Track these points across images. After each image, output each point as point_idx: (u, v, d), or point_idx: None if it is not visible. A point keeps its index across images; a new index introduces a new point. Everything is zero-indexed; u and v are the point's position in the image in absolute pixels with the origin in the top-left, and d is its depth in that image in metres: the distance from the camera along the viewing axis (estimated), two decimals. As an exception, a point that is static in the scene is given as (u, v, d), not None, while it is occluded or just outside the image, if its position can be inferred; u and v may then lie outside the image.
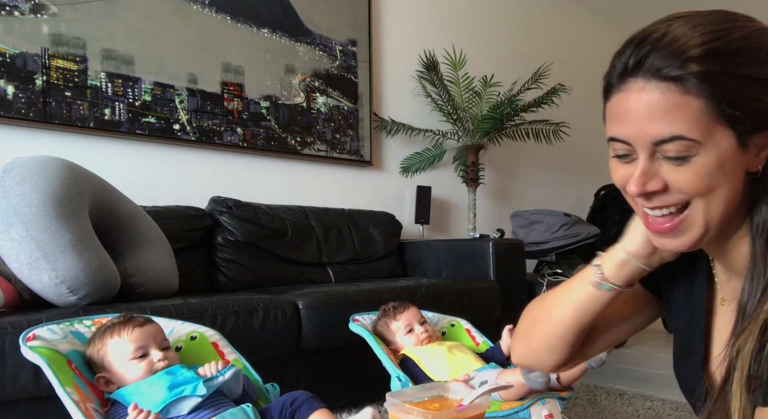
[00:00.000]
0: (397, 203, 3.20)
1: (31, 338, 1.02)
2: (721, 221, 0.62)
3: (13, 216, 1.37)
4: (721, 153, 0.57)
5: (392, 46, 3.22)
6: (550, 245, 2.93)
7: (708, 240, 0.64)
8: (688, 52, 0.56)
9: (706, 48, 0.56)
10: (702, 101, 0.56)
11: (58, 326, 1.09)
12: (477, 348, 1.62)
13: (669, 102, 0.57)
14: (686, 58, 0.56)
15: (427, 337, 1.51)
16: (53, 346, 1.03)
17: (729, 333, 0.65)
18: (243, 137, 2.53)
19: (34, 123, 2.01)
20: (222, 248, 2.22)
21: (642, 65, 0.58)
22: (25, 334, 1.02)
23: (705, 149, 0.57)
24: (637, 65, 0.58)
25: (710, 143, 0.57)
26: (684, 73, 0.56)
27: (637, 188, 0.61)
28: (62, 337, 1.07)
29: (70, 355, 1.05)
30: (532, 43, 4.07)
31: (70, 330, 1.11)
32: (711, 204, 0.60)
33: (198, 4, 2.42)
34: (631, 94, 0.59)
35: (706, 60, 0.55)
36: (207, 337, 1.26)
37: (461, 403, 0.82)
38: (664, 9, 2.61)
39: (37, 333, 1.03)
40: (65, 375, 0.97)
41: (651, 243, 0.67)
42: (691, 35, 0.56)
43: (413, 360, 1.45)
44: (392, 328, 1.53)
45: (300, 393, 1.06)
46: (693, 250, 0.65)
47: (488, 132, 3.15)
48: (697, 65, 0.55)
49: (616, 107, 0.61)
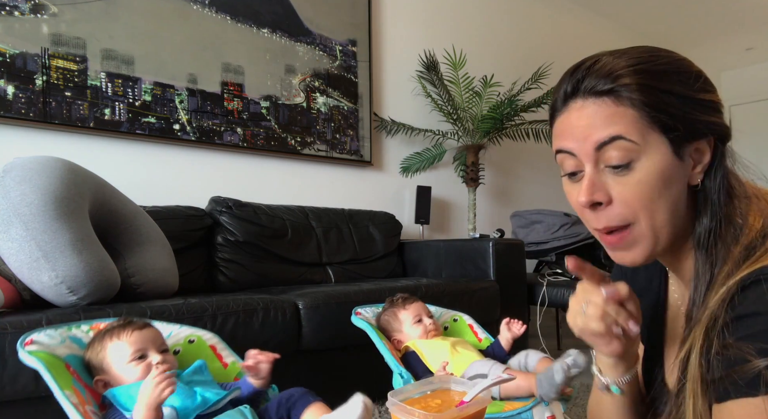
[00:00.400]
0: (397, 203, 3.20)
1: (29, 343, 1.02)
2: (669, 233, 0.65)
3: (13, 216, 1.37)
4: (660, 161, 0.62)
5: (392, 46, 3.22)
6: (550, 245, 2.93)
7: (661, 251, 0.67)
8: (617, 71, 0.63)
9: (634, 68, 0.62)
10: (635, 110, 0.62)
11: (56, 331, 1.09)
12: (479, 344, 1.62)
13: (606, 111, 0.63)
14: (617, 75, 0.62)
15: (435, 329, 1.51)
16: (51, 350, 1.03)
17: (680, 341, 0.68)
18: (243, 137, 2.53)
19: (34, 123, 2.01)
20: (222, 248, 2.22)
21: (578, 88, 0.65)
22: (23, 339, 1.02)
23: (644, 155, 0.62)
24: (574, 89, 0.65)
25: (648, 148, 0.62)
26: (615, 85, 0.62)
27: (585, 197, 0.65)
28: (60, 342, 1.07)
29: (69, 359, 1.05)
30: (532, 43, 4.07)
31: (68, 335, 1.11)
32: (655, 216, 0.64)
33: (198, 4, 2.42)
34: (572, 113, 0.65)
35: (634, 75, 0.62)
36: (205, 340, 1.25)
37: (463, 399, 0.82)
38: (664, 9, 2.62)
39: (34, 338, 1.03)
40: (63, 378, 0.97)
41: (614, 340, 0.68)
42: (619, 61, 0.63)
43: (416, 352, 1.45)
44: (400, 317, 1.53)
45: (295, 390, 1.07)
46: (648, 262, 0.68)
47: (488, 132, 3.15)
48: (626, 79, 0.62)
49: (560, 125, 0.67)
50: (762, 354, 0.55)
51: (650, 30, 5.06)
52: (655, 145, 0.62)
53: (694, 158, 0.65)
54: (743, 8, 4.63)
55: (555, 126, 0.69)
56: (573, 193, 0.68)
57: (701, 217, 0.66)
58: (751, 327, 0.57)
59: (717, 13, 4.74)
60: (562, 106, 0.67)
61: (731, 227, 0.64)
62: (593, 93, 0.63)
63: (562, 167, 0.69)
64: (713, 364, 0.59)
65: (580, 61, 0.67)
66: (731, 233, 0.63)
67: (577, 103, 0.65)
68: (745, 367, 0.56)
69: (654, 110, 0.61)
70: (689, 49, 5.52)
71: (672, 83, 0.62)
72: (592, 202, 0.65)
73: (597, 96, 0.63)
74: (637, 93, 0.61)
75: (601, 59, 0.65)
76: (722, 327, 0.59)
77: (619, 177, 0.63)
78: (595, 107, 0.63)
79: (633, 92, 0.61)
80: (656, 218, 0.64)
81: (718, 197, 0.65)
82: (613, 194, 0.64)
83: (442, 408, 0.82)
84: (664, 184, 0.62)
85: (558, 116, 0.68)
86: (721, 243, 0.64)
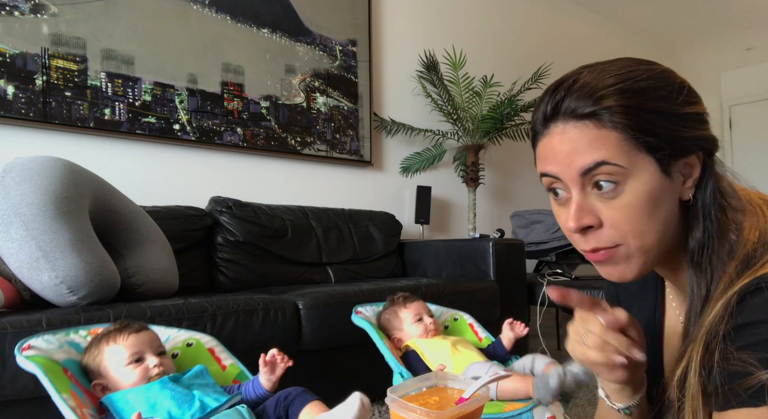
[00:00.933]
0: (397, 203, 3.20)
1: (26, 348, 1.02)
2: (659, 252, 0.64)
3: (13, 216, 1.37)
4: (648, 181, 0.60)
5: (392, 46, 3.22)
6: (550, 245, 2.93)
7: (651, 268, 0.66)
8: (598, 92, 0.60)
9: (614, 87, 0.60)
10: (618, 132, 0.59)
11: (53, 336, 1.09)
12: (479, 343, 1.63)
13: (588, 136, 0.60)
14: (597, 97, 0.60)
15: (435, 328, 1.52)
16: (49, 355, 1.03)
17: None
18: (243, 137, 2.53)
19: (34, 123, 2.01)
20: (222, 248, 2.22)
21: (559, 110, 0.62)
22: (21, 344, 1.02)
23: (632, 177, 0.60)
24: (554, 110, 0.63)
25: (635, 169, 0.60)
26: (597, 108, 0.60)
27: (574, 222, 0.63)
28: (58, 347, 1.07)
29: (66, 364, 1.05)
30: (532, 43, 4.07)
31: (66, 340, 1.11)
32: (645, 237, 0.62)
33: (198, 4, 2.42)
34: (554, 136, 0.63)
35: (615, 96, 0.59)
36: (203, 343, 1.26)
37: (462, 396, 0.82)
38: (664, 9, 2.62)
39: (32, 343, 1.04)
40: (61, 382, 0.97)
41: (618, 368, 0.66)
42: (599, 78, 0.61)
43: (416, 351, 1.45)
44: (401, 316, 1.53)
45: (293, 389, 1.07)
46: (637, 279, 0.66)
47: (488, 132, 3.15)
48: (607, 101, 0.59)
49: (543, 150, 0.65)
50: (764, 364, 0.54)
51: (650, 30, 5.06)
52: (642, 165, 0.60)
53: (684, 174, 0.63)
54: (743, 8, 4.63)
55: (538, 149, 0.67)
56: (562, 216, 0.67)
57: (693, 232, 0.64)
58: (753, 336, 0.56)
59: (717, 13, 4.74)
60: (543, 128, 0.65)
61: (725, 243, 0.62)
62: (574, 116, 0.61)
63: (547, 188, 0.67)
64: (714, 374, 0.58)
65: (561, 78, 0.64)
66: (725, 249, 0.62)
67: (558, 126, 0.63)
68: (748, 377, 0.55)
69: (638, 132, 0.59)
70: (689, 49, 5.52)
71: (655, 100, 0.60)
72: (581, 227, 0.63)
73: (578, 119, 0.61)
74: (619, 116, 0.59)
75: (580, 78, 0.62)
76: (723, 337, 0.58)
77: (607, 200, 0.61)
78: (576, 131, 0.61)
79: (615, 115, 0.59)
80: (646, 239, 0.62)
81: (710, 211, 0.63)
82: (602, 217, 0.62)
83: (440, 406, 0.82)
84: (654, 204, 0.61)
85: (540, 139, 0.66)
86: (716, 259, 0.62)
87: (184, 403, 0.99)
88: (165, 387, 1.01)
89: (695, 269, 0.64)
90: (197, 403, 1.00)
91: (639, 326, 0.67)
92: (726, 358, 0.57)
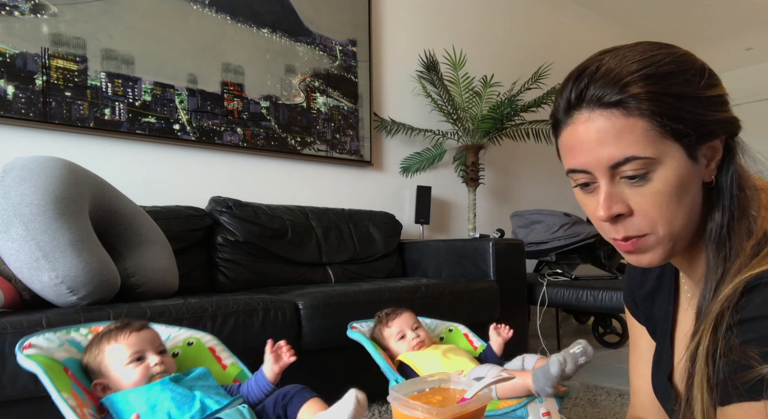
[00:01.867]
0: (397, 203, 3.20)
1: (27, 346, 1.01)
2: (687, 235, 0.64)
3: (13, 216, 1.37)
4: (676, 168, 0.60)
5: (392, 46, 3.22)
6: (550, 245, 2.93)
7: (679, 252, 0.66)
8: (623, 79, 0.59)
9: (639, 73, 0.59)
10: (645, 120, 0.59)
11: (54, 334, 1.08)
12: (474, 352, 1.63)
13: (615, 126, 0.60)
14: (623, 84, 0.59)
15: (419, 342, 1.51)
16: (49, 354, 1.03)
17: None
18: (243, 137, 2.53)
19: (34, 123, 2.01)
20: (222, 248, 2.22)
21: (584, 97, 0.61)
22: (21, 343, 1.02)
23: (661, 165, 0.60)
24: (579, 98, 0.62)
25: (663, 158, 0.60)
26: (624, 96, 0.59)
27: (604, 211, 0.63)
28: (59, 345, 1.07)
29: (67, 363, 1.04)
30: (532, 43, 4.07)
31: (67, 338, 1.10)
32: (673, 223, 0.62)
33: (198, 4, 2.42)
34: (578, 125, 0.62)
35: (641, 83, 0.59)
36: (204, 343, 1.25)
37: (464, 396, 0.82)
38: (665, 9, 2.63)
39: (33, 341, 1.03)
40: (62, 381, 0.97)
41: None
42: (623, 65, 0.60)
43: (409, 365, 1.46)
44: (385, 335, 1.55)
45: (292, 387, 1.07)
46: (666, 262, 0.67)
47: (488, 132, 3.15)
48: (633, 88, 0.59)
49: (568, 140, 0.64)
50: (765, 359, 0.54)
51: (650, 30, 5.06)
52: (670, 153, 0.60)
53: (707, 156, 0.63)
54: (743, 8, 4.63)
55: (562, 139, 0.66)
56: (589, 205, 0.66)
57: (713, 212, 0.64)
58: (756, 330, 0.56)
59: (717, 14, 4.74)
60: (566, 116, 0.64)
61: (745, 219, 0.62)
62: (600, 104, 0.60)
63: (573, 180, 0.67)
64: (718, 366, 0.59)
65: (583, 64, 0.64)
66: (745, 226, 0.62)
67: (583, 114, 0.62)
68: (749, 371, 0.55)
69: (666, 119, 0.59)
70: (689, 49, 5.52)
71: (679, 85, 0.59)
72: (612, 215, 0.63)
73: (604, 107, 0.60)
74: (646, 103, 0.58)
75: (603, 63, 0.62)
76: (727, 329, 0.58)
77: (636, 188, 0.61)
78: (603, 120, 0.60)
79: (642, 102, 0.58)
80: (674, 224, 0.62)
81: (731, 191, 0.63)
82: (632, 204, 0.62)
83: (443, 405, 0.82)
84: (682, 189, 0.61)
85: (564, 128, 0.65)
86: (735, 236, 0.62)
87: (184, 404, 0.99)
88: (166, 387, 1.01)
89: (713, 247, 0.64)
90: (198, 404, 1.00)
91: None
92: (730, 350, 0.58)
